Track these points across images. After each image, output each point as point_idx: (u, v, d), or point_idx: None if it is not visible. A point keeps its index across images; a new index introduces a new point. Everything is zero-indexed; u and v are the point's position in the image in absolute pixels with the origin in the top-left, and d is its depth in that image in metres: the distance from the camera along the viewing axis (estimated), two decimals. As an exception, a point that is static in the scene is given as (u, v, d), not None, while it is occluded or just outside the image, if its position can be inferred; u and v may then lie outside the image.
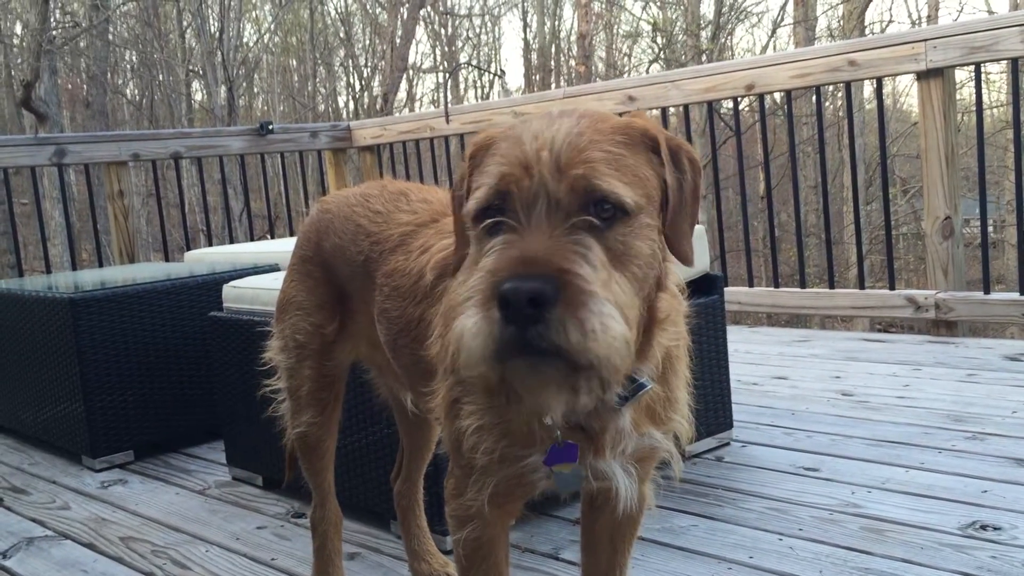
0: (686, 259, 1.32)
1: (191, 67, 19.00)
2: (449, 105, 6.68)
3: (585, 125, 1.24)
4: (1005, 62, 4.64)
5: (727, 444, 3.27)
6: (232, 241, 7.00)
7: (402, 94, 21.92)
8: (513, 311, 1.09)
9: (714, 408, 3.20)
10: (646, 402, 1.44)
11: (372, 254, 1.85)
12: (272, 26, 20.78)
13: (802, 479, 2.89)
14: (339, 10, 22.05)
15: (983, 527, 2.42)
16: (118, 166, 6.01)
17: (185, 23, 18.94)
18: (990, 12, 17.91)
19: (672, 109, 6.36)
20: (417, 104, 22.43)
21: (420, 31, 21.93)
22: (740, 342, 4.95)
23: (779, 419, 3.52)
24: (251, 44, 20.36)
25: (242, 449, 3.31)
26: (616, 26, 22.17)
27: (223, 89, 16.49)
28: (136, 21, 19.39)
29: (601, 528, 1.68)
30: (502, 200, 1.20)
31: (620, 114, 1.43)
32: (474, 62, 22.33)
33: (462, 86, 23.09)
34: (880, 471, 2.89)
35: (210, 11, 17.85)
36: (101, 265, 6.27)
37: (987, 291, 4.63)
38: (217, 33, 17.29)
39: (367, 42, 22.18)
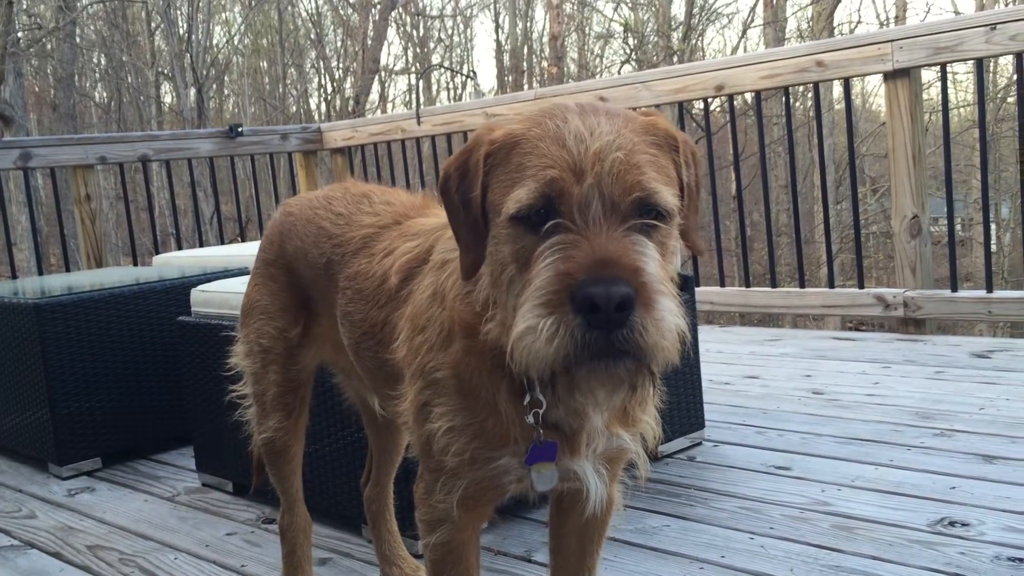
0: (700, 250, 1.39)
1: (160, 69, 18.84)
2: (420, 107, 6.66)
3: (622, 126, 1.24)
4: (970, 62, 4.68)
5: (699, 444, 3.28)
6: (202, 244, 6.94)
7: (374, 96, 21.86)
8: (601, 316, 1.10)
9: (686, 408, 3.20)
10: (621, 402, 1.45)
11: (334, 257, 1.84)
12: (242, 28, 20.63)
13: (773, 478, 2.90)
14: (309, 11, 21.95)
15: (952, 523, 2.44)
16: (85, 169, 5.94)
17: (153, 25, 18.77)
18: (956, 13, 18.15)
19: (644, 110, 6.38)
20: (389, 106, 22.37)
21: (392, 32, 21.88)
22: (712, 342, 4.97)
23: (751, 418, 3.53)
24: (221, 46, 20.22)
25: (212, 455, 3.27)
26: (588, 27, 22.23)
27: (192, 91, 16.36)
28: (103, 23, 19.19)
29: (570, 530, 1.68)
30: (550, 201, 1.19)
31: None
32: (446, 64, 22.30)
33: (434, 87, 23.05)
34: (850, 469, 2.91)
35: (179, 13, 17.69)
36: (68, 270, 6.19)
37: (955, 289, 4.68)
38: (186, 35, 17.14)
39: (338, 44, 22.09)
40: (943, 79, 4.76)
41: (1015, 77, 4.47)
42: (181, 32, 17.51)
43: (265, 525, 2.89)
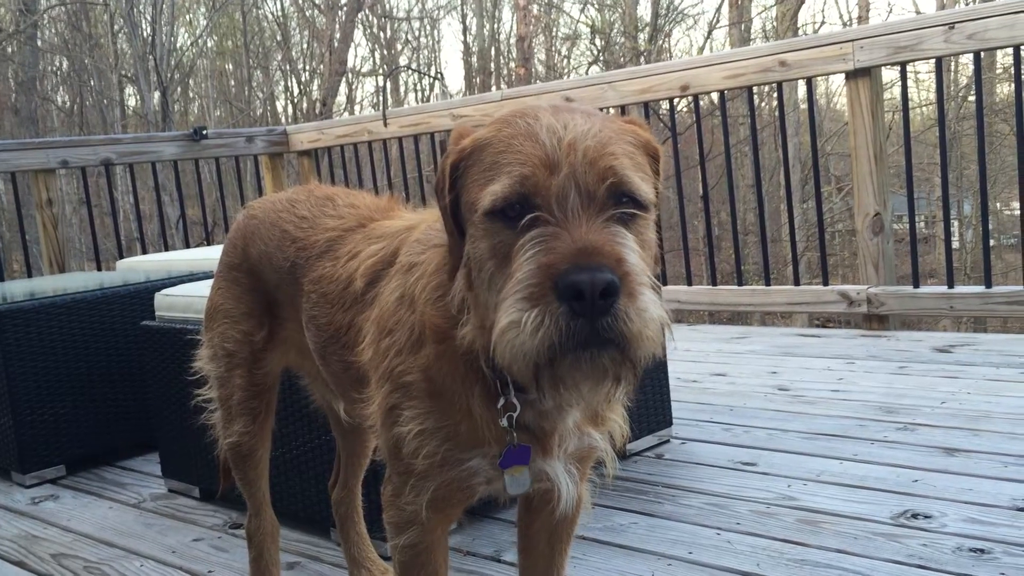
0: (657, 261, 1.38)
1: (123, 72, 18.62)
2: (387, 108, 6.64)
3: (599, 122, 1.25)
4: (931, 61, 4.75)
5: (667, 441, 3.30)
6: (167, 249, 6.87)
7: (341, 98, 21.75)
8: (586, 304, 1.09)
9: (654, 406, 3.22)
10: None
11: (299, 260, 1.83)
12: (206, 30, 20.46)
13: (740, 474, 2.93)
14: (275, 13, 21.81)
15: (914, 516, 2.47)
16: (46, 174, 5.86)
17: (116, 27, 18.55)
18: (917, 12, 18.39)
19: (611, 110, 6.41)
20: (357, 107, 22.27)
21: (358, 34, 21.79)
22: (680, 340, 5.00)
23: (718, 415, 3.56)
24: (185, 48, 20.03)
25: (178, 460, 3.24)
26: (555, 28, 22.27)
27: (156, 94, 16.20)
28: (65, 26, 18.93)
29: (538, 529, 1.68)
30: (526, 195, 1.18)
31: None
32: (413, 65, 22.25)
33: (402, 89, 22.97)
34: (815, 464, 2.94)
35: (142, 15, 17.51)
36: (31, 276, 6.10)
37: (916, 285, 4.75)
38: (149, 37, 16.96)
39: (304, 45, 21.96)
40: (903, 78, 4.83)
41: (975, 76, 4.53)
42: (144, 35, 17.33)
43: (232, 530, 2.87)
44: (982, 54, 4.64)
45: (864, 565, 2.22)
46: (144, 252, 6.77)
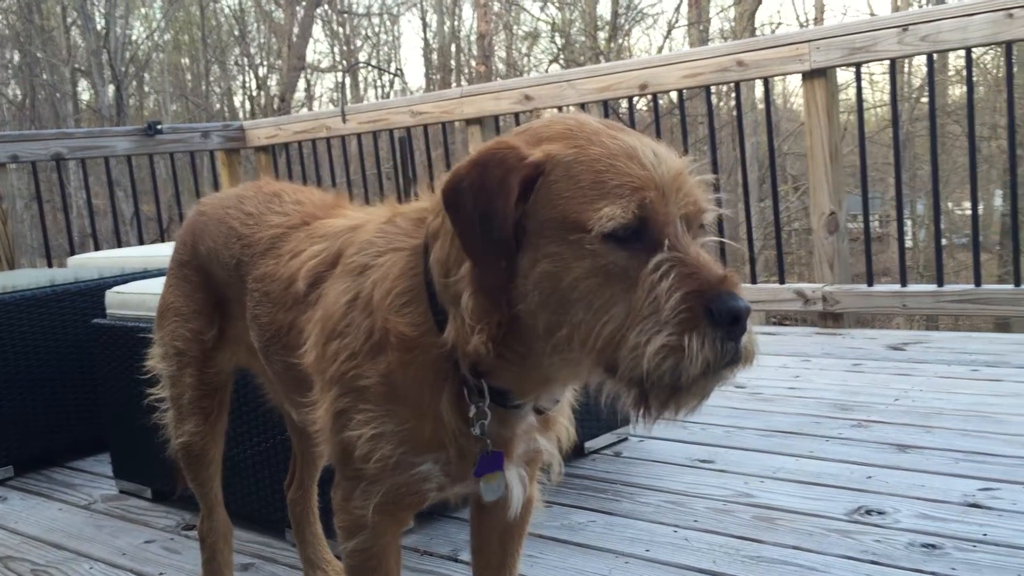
0: None
1: (77, 66, 18.29)
2: (346, 104, 6.59)
3: (667, 148, 1.31)
4: (886, 62, 4.82)
5: (625, 439, 3.31)
6: (121, 245, 6.76)
7: (300, 93, 21.57)
8: (740, 327, 1.19)
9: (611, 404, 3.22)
10: None
11: (244, 258, 1.80)
12: (162, 23, 20.17)
13: (697, 471, 2.94)
14: (232, 7, 21.56)
15: (868, 512, 2.50)
16: (-5, 168, 5.73)
17: (69, 20, 18.23)
18: (872, 14, 18.65)
19: (571, 108, 6.42)
20: (316, 103, 22.10)
21: (317, 29, 21.62)
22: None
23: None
24: (140, 42, 19.72)
25: (130, 461, 3.19)
26: (516, 26, 22.28)
27: (111, 88, 15.94)
28: (16, 17, 18.56)
29: (490, 529, 1.68)
30: (646, 219, 1.22)
31: (517, 115, 1.44)
32: (373, 61, 22.13)
33: (361, 85, 22.84)
34: (771, 461, 2.96)
35: (95, 8, 17.21)
36: (-21, 272, 5.96)
37: (870, 283, 4.81)
38: (104, 30, 16.68)
39: (262, 40, 21.74)
40: (858, 79, 4.89)
41: (928, 77, 4.60)
42: (98, 27, 17.04)
43: (185, 532, 2.83)
44: (935, 56, 4.71)
45: (819, 561, 2.24)
46: (97, 249, 6.63)
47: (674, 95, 5.81)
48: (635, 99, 5.73)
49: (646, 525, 2.56)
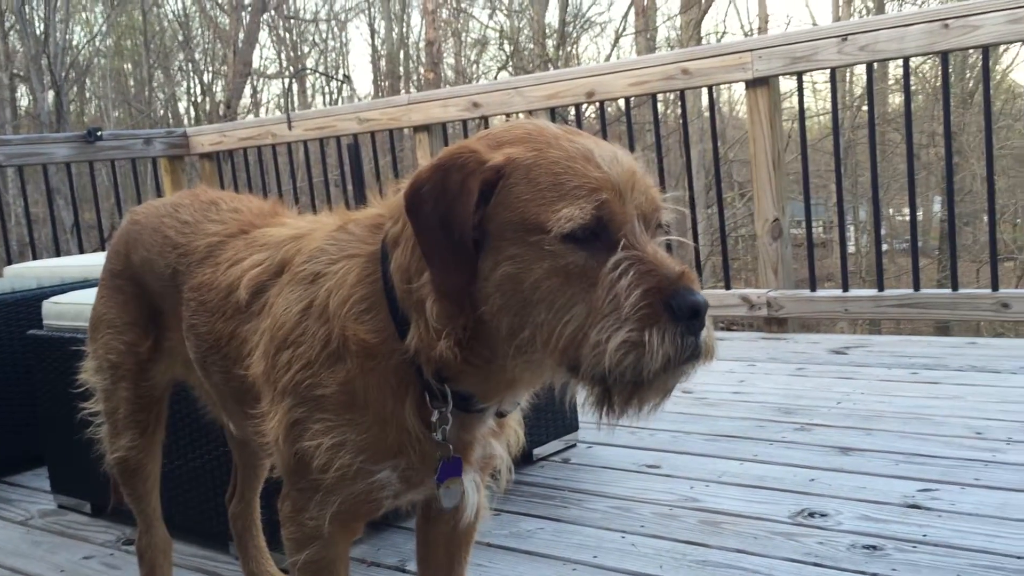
0: None
1: (15, 71, 17.88)
2: (292, 111, 6.53)
3: (628, 154, 1.34)
4: (827, 71, 4.90)
5: (573, 446, 3.31)
6: (60, 255, 6.61)
7: (246, 100, 21.33)
8: (699, 321, 1.21)
9: (561, 410, 3.23)
10: None
11: (179, 267, 1.77)
12: (103, 28, 19.81)
13: (644, 476, 2.96)
14: (176, 12, 21.25)
15: (811, 514, 2.53)
16: (-72, 176, 5.57)
17: (7, 24, 17.81)
18: (814, 24, 19.00)
19: (519, 115, 6.43)
20: (263, 110, 21.86)
21: (264, 35, 21.40)
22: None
23: (617, 425, 3.58)
24: (81, 47, 19.35)
25: (68, 475, 3.11)
26: (464, 33, 22.29)
27: (50, 94, 15.60)
28: (-49, 21, 18.08)
29: (437, 538, 1.67)
30: (603, 219, 1.23)
31: (465, 122, 1.44)
32: (320, 68, 21.96)
33: (309, 92, 22.66)
34: (717, 465, 2.99)
35: (35, 12, 16.85)
36: (-89, 283, 5.79)
37: (813, 289, 4.89)
38: (43, 35, 16.34)
39: (207, 46, 21.46)
40: (799, 87, 4.97)
41: (868, 86, 4.69)
42: (38, 32, 16.68)
43: (125, 547, 2.77)
44: (874, 65, 4.81)
45: (763, 564, 2.27)
46: (35, 258, 6.48)
47: (621, 103, 5.86)
48: (583, 106, 5.77)
49: (594, 531, 2.56)
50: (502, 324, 1.28)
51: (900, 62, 4.67)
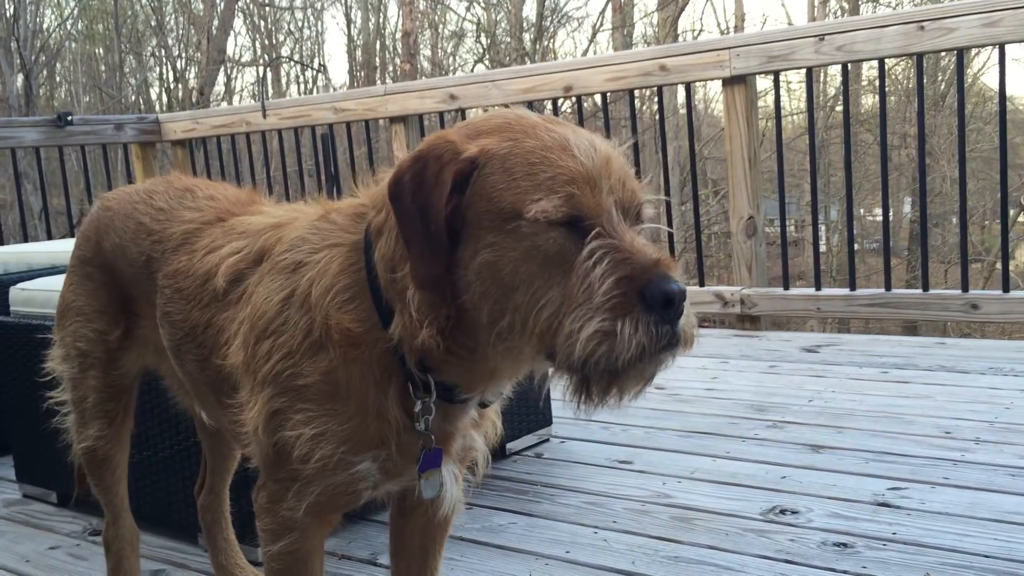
0: None
1: (-17, 53, 17.58)
2: (267, 99, 6.47)
3: (609, 142, 1.33)
4: (803, 71, 4.93)
5: (547, 440, 3.31)
6: (27, 240, 6.51)
7: (220, 87, 21.11)
8: (674, 310, 1.19)
9: (534, 405, 3.22)
10: None
11: (154, 254, 1.74)
12: (75, 12, 19.52)
13: (617, 472, 2.96)
14: (150, -3, 20.97)
15: (783, 511, 2.54)
16: None
17: (-24, 5, 17.51)
18: (790, 23, 19.11)
19: (496, 108, 6.41)
20: (236, 98, 21.65)
21: (238, 22, 21.19)
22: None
23: (597, 414, 3.58)
24: (52, 30, 19.06)
25: (34, 464, 3.06)
26: (441, 25, 22.20)
27: (19, 77, 15.36)
28: (-82, 1, 17.75)
29: (411, 531, 1.65)
30: (578, 208, 1.23)
31: (442, 114, 1.43)
32: (295, 56, 21.79)
33: (283, 81, 22.48)
34: (689, 461, 3.00)
35: (4, -7, 16.57)
36: None
37: (787, 287, 4.91)
38: (12, 17, 16.08)
39: (181, 32, 21.22)
40: (776, 86, 4.98)
41: (843, 86, 4.72)
42: (7, 14, 16.41)
43: (92, 537, 2.73)
44: (849, 66, 4.84)
45: (735, 561, 2.27)
46: (2, 244, 6.38)
47: (598, 98, 5.85)
48: (560, 101, 5.76)
49: (567, 526, 2.56)
50: (483, 312, 1.28)
51: (874, 63, 4.70)
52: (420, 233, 1.27)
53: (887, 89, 4.86)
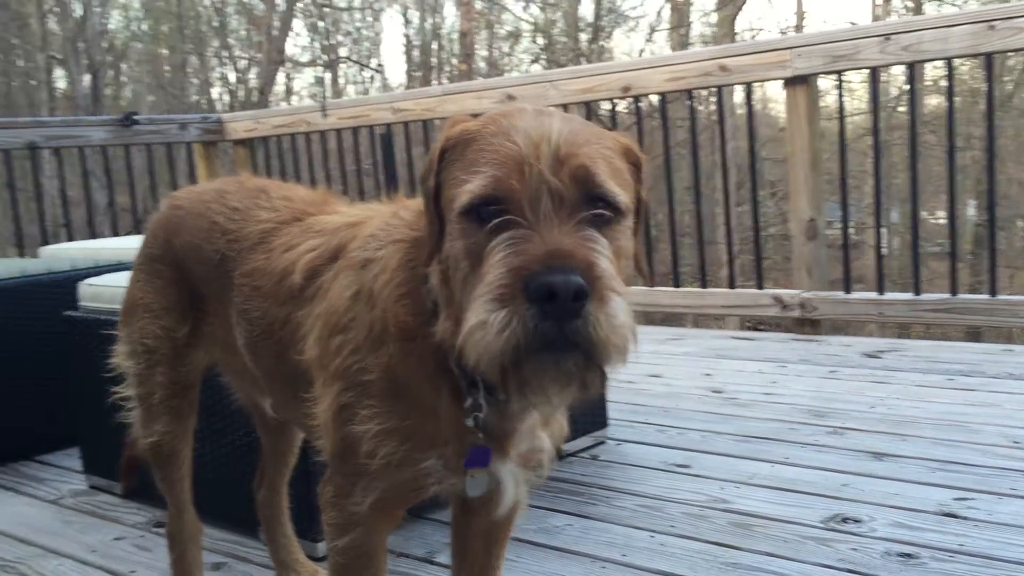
0: (643, 271, 1.37)
1: (52, 54, 18.07)
2: (326, 99, 6.53)
3: (576, 124, 1.24)
4: (865, 71, 4.84)
5: (602, 443, 3.29)
6: (94, 236, 6.67)
7: (279, 87, 21.43)
8: (557, 305, 1.08)
9: (590, 407, 3.21)
10: None
11: (229, 253, 1.77)
12: (140, 13, 19.96)
13: (673, 476, 2.94)
14: (212, -2, 21.36)
15: (844, 520, 2.50)
16: (-34, 156, 5.64)
17: (46, 7, 18.00)
18: (852, 24, 18.78)
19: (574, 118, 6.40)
20: (295, 98, 21.95)
21: (298, 23, 21.48)
22: (632, 355, 5.00)
23: (652, 416, 3.57)
24: (118, 31, 19.51)
25: (100, 456, 3.14)
26: (498, 25, 22.24)
27: (87, 77, 15.75)
28: (-8, 3, 18.29)
29: (475, 531, 1.65)
30: (499, 196, 1.17)
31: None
32: (354, 57, 22.01)
33: (341, 81, 22.72)
34: (747, 466, 2.96)
35: (73, -5, 17.02)
36: (-52, 261, 5.86)
37: (848, 290, 4.83)
38: (81, 18, 16.49)
39: (242, 33, 21.57)
40: (839, 86, 4.90)
41: (907, 86, 4.62)
42: (76, 15, 16.84)
43: (156, 529, 2.78)
44: (915, 66, 4.74)
45: (795, 569, 2.24)
46: (70, 239, 6.53)
47: (655, 98, 5.81)
48: (617, 101, 5.73)
49: (622, 529, 2.55)
50: (451, 306, 1.27)
51: (937, 63, 4.60)
52: (430, 213, 1.30)
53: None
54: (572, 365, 1.13)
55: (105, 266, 3.78)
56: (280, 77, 21.12)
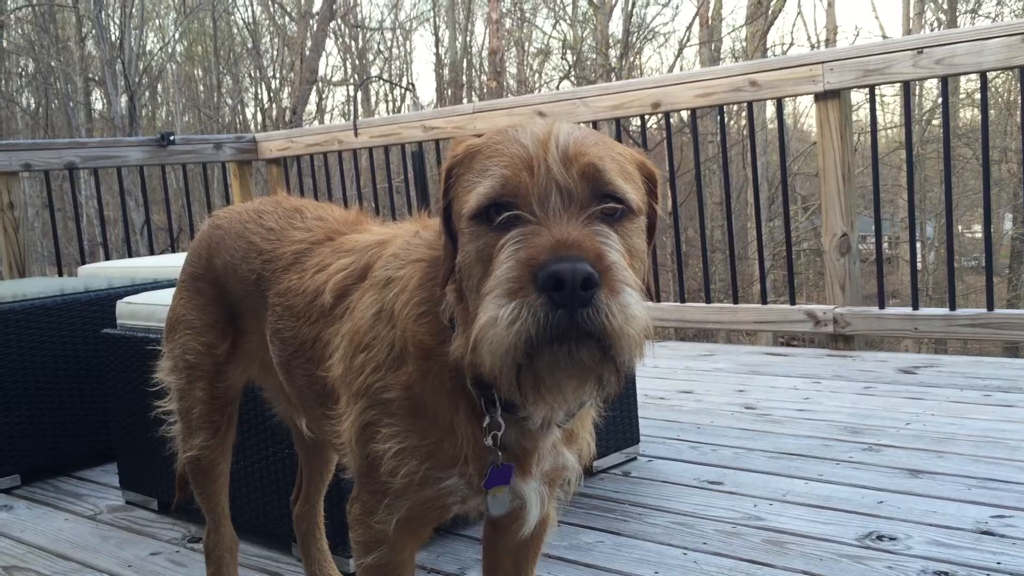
0: (650, 290, 1.33)
1: (90, 75, 18.40)
2: (358, 118, 6.61)
3: (585, 130, 1.25)
4: (898, 85, 4.81)
5: (634, 459, 3.28)
6: (131, 255, 6.77)
7: (312, 106, 21.65)
8: (566, 293, 1.06)
9: (621, 423, 3.21)
10: None
11: (265, 272, 1.80)
12: (176, 35, 20.29)
13: (706, 492, 2.92)
14: (246, 19, 21.68)
15: (879, 537, 2.47)
16: (8, 176, 5.74)
17: (84, 30, 18.35)
18: (884, 37, 18.67)
19: (583, 126, 6.42)
20: (327, 117, 22.17)
21: (330, 43, 21.72)
22: (647, 356, 4.99)
23: (685, 433, 3.56)
24: (154, 53, 19.84)
25: (137, 472, 3.18)
26: (527, 43, 22.35)
27: (124, 98, 16.01)
28: (32, 27, 18.68)
29: (504, 548, 1.66)
30: (509, 197, 1.17)
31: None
32: (385, 76, 22.21)
33: (373, 99, 22.93)
34: (781, 483, 2.94)
35: (111, 18, 17.32)
36: (-11, 280, 5.98)
37: (882, 306, 4.79)
38: (118, 41, 16.78)
39: (275, 53, 21.85)
40: (871, 100, 4.87)
41: (940, 100, 4.59)
42: (113, 38, 17.15)
43: (191, 544, 2.81)
44: (948, 79, 4.71)
45: (830, 587, 2.22)
46: (107, 258, 6.65)
47: (685, 114, 5.81)
48: (647, 117, 5.73)
49: (655, 547, 2.54)
50: (466, 322, 1.25)
51: (973, 76, 4.56)
52: (444, 239, 1.30)
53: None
54: (587, 357, 1.10)
55: (142, 284, 3.85)
56: (312, 96, 21.35)
